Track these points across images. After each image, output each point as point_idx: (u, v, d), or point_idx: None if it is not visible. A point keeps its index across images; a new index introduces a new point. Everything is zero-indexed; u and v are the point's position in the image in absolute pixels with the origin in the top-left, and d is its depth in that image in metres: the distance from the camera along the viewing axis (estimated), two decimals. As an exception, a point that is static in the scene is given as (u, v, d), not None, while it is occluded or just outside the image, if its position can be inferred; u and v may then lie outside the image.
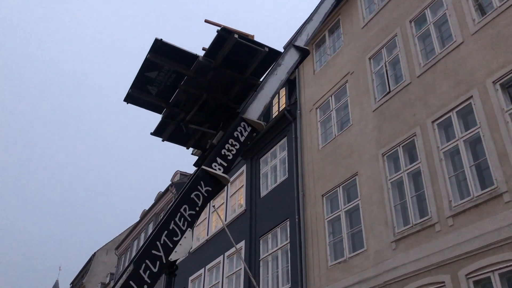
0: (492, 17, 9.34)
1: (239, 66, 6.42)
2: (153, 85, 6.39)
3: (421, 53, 11.06)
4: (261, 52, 6.34)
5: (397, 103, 11.20)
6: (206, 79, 6.31)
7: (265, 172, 16.71)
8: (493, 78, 8.84)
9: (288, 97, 16.85)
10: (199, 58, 6.10)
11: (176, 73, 6.23)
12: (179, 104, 6.54)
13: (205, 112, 6.61)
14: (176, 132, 6.96)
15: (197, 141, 7.01)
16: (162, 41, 5.90)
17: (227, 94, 6.60)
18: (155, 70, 6.19)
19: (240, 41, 6.12)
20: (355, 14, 14.09)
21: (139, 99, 6.60)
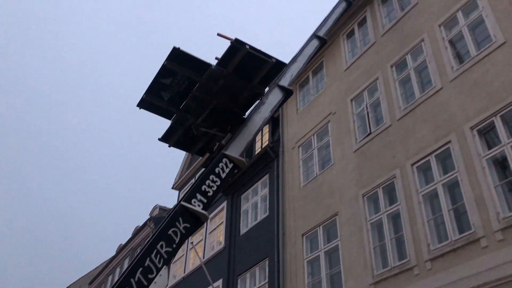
0: (469, 65, 9.67)
1: (248, 75, 6.85)
2: (166, 91, 6.77)
3: (402, 97, 11.33)
4: (268, 63, 6.82)
5: (378, 144, 11.36)
6: (217, 86, 6.71)
7: (245, 209, 16.57)
8: (470, 124, 9.06)
9: (271, 134, 16.96)
10: (212, 67, 6.53)
11: (189, 80, 6.63)
12: (189, 109, 6.90)
13: (214, 117, 6.96)
14: (183, 138, 7.34)
15: (204, 144, 7.38)
16: (180, 49, 6.30)
17: (235, 100, 6.97)
18: (169, 76, 6.62)
19: (251, 52, 6.62)
20: (338, 57, 14.45)
21: (152, 105, 6.98)
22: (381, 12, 13.35)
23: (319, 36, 9.54)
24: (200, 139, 7.35)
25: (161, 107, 7.02)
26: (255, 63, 6.77)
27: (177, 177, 23.90)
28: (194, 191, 5.93)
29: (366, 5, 13.92)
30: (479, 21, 9.98)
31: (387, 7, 13.32)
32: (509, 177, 8.15)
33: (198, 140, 7.38)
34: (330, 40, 14.18)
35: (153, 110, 7.12)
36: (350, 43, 14.41)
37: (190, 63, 6.47)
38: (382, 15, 13.27)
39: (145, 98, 6.86)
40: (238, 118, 7.06)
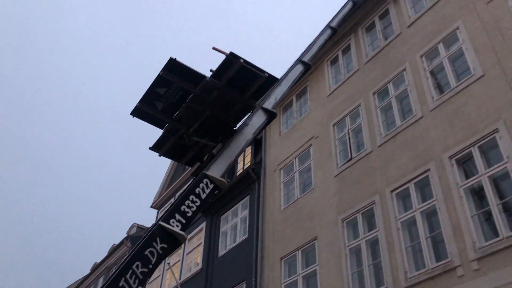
0: (449, 95, 9.90)
1: (241, 88, 7.04)
2: (160, 101, 6.88)
3: (383, 124, 11.50)
4: (261, 77, 7.01)
5: (358, 170, 11.45)
6: (210, 97, 6.87)
7: (225, 230, 16.42)
8: (449, 153, 9.22)
9: (253, 156, 16.98)
10: (206, 78, 6.70)
11: (183, 90, 6.77)
12: (181, 119, 7.02)
13: (206, 127, 7.11)
14: (174, 148, 7.43)
15: (194, 155, 7.43)
16: (176, 60, 6.48)
17: (227, 112, 7.13)
18: (164, 86, 6.75)
19: (245, 66, 6.83)
20: (322, 82, 14.66)
21: (145, 113, 7.04)
22: (365, 40, 13.65)
23: (304, 61, 9.68)
24: (190, 149, 7.45)
25: (154, 116, 7.13)
26: (248, 77, 6.96)
27: (157, 195, 23.64)
28: (173, 211, 5.86)
29: (351, 33, 14.22)
30: (459, 53, 10.27)
31: (371, 36, 13.63)
32: (485, 207, 8.27)
33: (188, 150, 7.47)
34: (314, 66, 14.40)
35: (146, 119, 7.22)
36: (334, 69, 14.65)
37: (185, 74, 6.65)
38: (366, 43, 13.57)
39: (139, 106, 6.95)
40: (229, 129, 7.23)
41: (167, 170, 23.73)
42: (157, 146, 7.46)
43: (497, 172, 8.30)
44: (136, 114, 7.10)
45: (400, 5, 12.70)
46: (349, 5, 12.95)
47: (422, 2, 12.12)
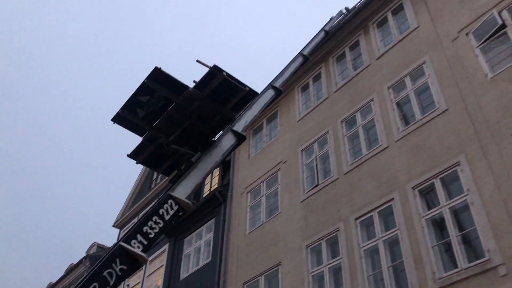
0: (414, 127, 10.18)
1: (221, 100, 7.21)
2: (142, 108, 6.96)
3: (349, 152, 11.69)
4: (242, 91, 7.22)
5: (324, 196, 11.54)
6: (191, 107, 7.00)
7: (188, 253, 16.13)
8: (412, 183, 9.43)
9: (221, 178, 16.87)
10: (189, 89, 6.84)
11: (166, 99, 6.86)
12: (161, 128, 7.06)
13: (185, 137, 7.21)
14: (151, 157, 7.50)
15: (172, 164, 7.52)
16: (161, 69, 6.64)
17: (207, 123, 7.27)
18: (147, 94, 6.83)
19: (227, 79, 7.04)
20: (292, 108, 14.84)
21: (126, 120, 7.10)
22: (335, 69, 13.97)
23: (275, 86, 9.78)
24: (168, 158, 7.50)
25: (135, 124, 7.18)
26: (229, 90, 7.18)
27: (119, 214, 23.07)
28: (135, 232, 5.70)
29: (322, 62, 14.53)
30: (425, 87, 10.63)
31: (341, 66, 13.97)
32: (445, 238, 8.44)
33: (166, 159, 7.53)
34: (285, 91, 14.58)
35: (126, 125, 7.26)
36: (304, 96, 14.87)
37: (169, 83, 6.78)
38: (336, 72, 13.88)
39: (120, 113, 6.99)
40: (208, 139, 7.37)
41: (132, 188, 23.27)
42: (135, 153, 7.49)
43: (458, 204, 8.52)
44: (117, 121, 7.12)
45: (370, 38, 13.10)
46: (321, 35, 13.26)
47: (391, 36, 12.55)
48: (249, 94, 7.37)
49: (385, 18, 13.10)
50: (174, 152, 7.38)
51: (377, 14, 13.31)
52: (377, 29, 13.20)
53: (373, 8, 13.38)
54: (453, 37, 10.41)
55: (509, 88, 8.65)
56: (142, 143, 7.37)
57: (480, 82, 9.26)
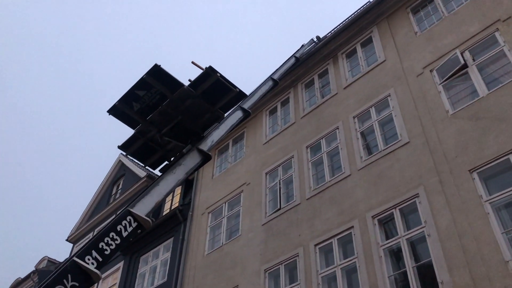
0: (376, 157, 10.40)
1: (212, 99, 7.72)
2: (138, 102, 7.39)
3: (313, 177, 11.79)
4: (232, 92, 7.75)
5: (286, 221, 11.54)
6: (184, 104, 7.46)
7: (143, 272, 15.68)
8: (372, 213, 9.57)
9: (182, 196, 16.63)
10: (183, 87, 7.32)
11: (161, 95, 7.32)
12: (154, 122, 7.50)
13: (175, 131, 7.67)
14: (141, 149, 7.92)
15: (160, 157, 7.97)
16: (160, 67, 7.12)
17: (197, 120, 7.74)
18: (144, 89, 7.29)
19: (220, 80, 7.59)
20: (259, 131, 14.91)
21: (121, 112, 7.51)
22: (303, 96, 14.19)
23: (244, 108, 9.83)
24: (156, 152, 7.93)
25: (129, 116, 7.57)
26: (221, 90, 7.70)
27: (74, 228, 22.28)
28: (90, 247, 5.50)
29: (291, 87, 14.75)
30: (389, 119, 10.92)
31: (309, 92, 14.21)
32: (402, 269, 8.56)
33: (154, 153, 7.95)
34: (253, 113, 14.66)
35: (121, 117, 7.65)
36: (271, 119, 14.99)
37: (166, 80, 7.25)
38: (304, 99, 14.10)
39: (117, 105, 7.40)
40: (197, 135, 7.84)
41: (89, 202, 22.58)
42: (126, 145, 7.89)
43: (415, 236, 8.68)
44: (113, 112, 7.52)
45: (339, 67, 13.43)
46: (292, 61, 13.49)
47: (359, 67, 12.91)
48: (239, 95, 7.93)
49: (354, 49, 13.48)
50: (163, 146, 7.82)
51: (346, 45, 13.69)
52: (346, 59, 13.56)
53: (343, 39, 13.76)
54: (418, 72, 10.81)
55: (468, 125, 9.00)
56: (133, 136, 7.80)
57: (441, 118, 9.60)
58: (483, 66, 9.67)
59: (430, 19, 11.79)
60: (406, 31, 12.04)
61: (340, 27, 14.14)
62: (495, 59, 9.54)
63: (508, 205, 7.74)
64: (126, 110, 7.49)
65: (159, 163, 8.12)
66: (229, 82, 7.76)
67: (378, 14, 13.10)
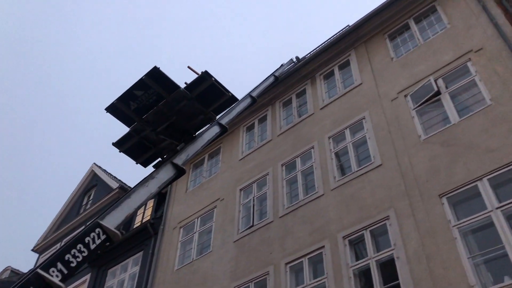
0: (349, 178, 10.52)
1: (206, 102, 8.14)
2: (135, 101, 7.78)
3: (287, 195, 11.83)
4: (225, 96, 8.20)
5: (258, 238, 11.50)
6: (179, 105, 7.87)
7: (110, 285, 15.32)
8: (343, 233, 9.64)
9: (154, 210, 16.42)
10: (179, 89, 7.72)
11: (158, 95, 7.72)
12: (149, 121, 7.87)
13: (169, 131, 8.09)
14: (134, 147, 8.26)
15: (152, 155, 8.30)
16: (159, 69, 7.53)
17: (191, 121, 8.17)
18: (142, 89, 7.66)
19: (215, 84, 8.06)
20: (236, 146, 14.92)
21: (119, 111, 7.87)
22: (281, 114, 14.31)
23: (221, 123, 9.85)
24: (148, 151, 8.27)
25: (126, 114, 7.93)
26: (214, 94, 8.15)
27: (41, 238, 21.67)
28: (56, 259, 5.36)
29: (269, 105, 14.86)
30: (363, 141, 11.10)
31: (287, 111, 14.35)
32: (370, 290, 8.62)
33: (146, 151, 8.28)
34: (231, 129, 14.69)
35: (118, 115, 8.00)
36: (248, 136, 15.04)
37: (164, 82, 7.64)
38: (281, 117, 14.22)
39: (115, 103, 7.76)
40: (189, 135, 8.31)
41: (58, 211, 22.04)
42: (120, 143, 8.20)
43: (384, 258, 8.77)
44: (110, 110, 7.86)
45: (316, 88, 13.63)
46: (271, 79, 13.60)
47: (336, 89, 13.13)
48: (231, 99, 8.39)
49: (332, 71, 13.73)
50: (156, 144, 8.19)
51: (325, 67, 13.93)
52: (323, 80, 13.78)
53: (322, 61, 14.01)
54: (393, 97, 11.06)
55: (439, 151, 9.22)
56: (128, 134, 8.13)
57: (414, 143, 9.81)
58: (455, 94, 9.97)
59: (406, 46, 12.13)
60: (383, 56, 12.34)
61: (319, 49, 14.40)
62: (467, 88, 9.85)
63: (475, 231, 7.92)
64: (123, 109, 7.86)
65: (150, 161, 8.45)
66: (223, 86, 8.26)
67: (356, 39, 13.41)
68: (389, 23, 12.89)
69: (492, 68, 9.52)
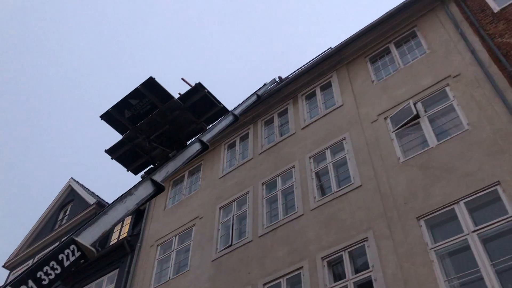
0: (329, 199, 10.54)
1: (198, 113, 8.54)
2: (130, 110, 8.06)
3: (267, 215, 11.78)
4: (217, 107, 8.62)
5: (236, 258, 11.38)
6: (172, 115, 8.23)
7: (83, 304, 14.91)
8: (322, 254, 9.61)
9: (132, 227, 16.14)
10: (173, 99, 8.08)
11: (152, 105, 8.03)
12: (142, 129, 8.19)
13: (161, 139, 8.42)
14: (125, 155, 8.56)
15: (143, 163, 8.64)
16: (154, 79, 7.86)
17: (183, 130, 8.55)
18: (137, 98, 7.97)
19: (207, 95, 8.44)
20: (217, 164, 14.86)
21: (113, 119, 8.15)
22: (263, 133, 14.35)
23: (202, 141, 9.81)
24: (139, 159, 8.59)
25: (120, 122, 8.17)
26: (206, 105, 8.52)
27: (12, 254, 21.04)
28: (27, 276, 5.21)
29: (251, 124, 14.90)
30: (343, 162, 11.18)
31: (268, 130, 14.39)
32: (348, 312, 8.57)
33: (137, 159, 8.60)
34: (212, 147, 14.63)
35: (112, 123, 8.25)
36: (230, 154, 15.01)
37: (158, 92, 7.95)
38: (263, 135, 14.25)
39: (110, 111, 8.05)
40: (180, 143, 8.61)
41: (33, 226, 21.48)
42: (112, 150, 8.49)
43: (362, 279, 8.75)
44: (105, 118, 8.13)
45: (298, 108, 13.74)
46: (253, 98, 13.68)
47: (318, 109, 13.25)
48: (222, 110, 8.82)
49: (314, 92, 13.88)
50: (148, 152, 8.50)
51: (307, 87, 14.08)
52: (305, 101, 13.91)
53: (304, 81, 14.16)
54: (373, 119, 11.21)
55: (417, 173, 9.33)
56: (120, 141, 8.41)
57: (393, 165, 9.92)
58: (433, 118, 10.15)
59: (386, 69, 12.37)
60: (364, 78, 12.54)
61: (302, 69, 14.57)
62: (445, 112, 10.05)
63: (451, 254, 7.98)
64: (117, 117, 8.10)
65: (141, 169, 8.76)
66: (215, 98, 8.61)
67: (338, 61, 13.63)
68: (370, 47, 13.15)
69: (470, 93, 9.75)
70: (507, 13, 10.54)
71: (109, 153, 8.59)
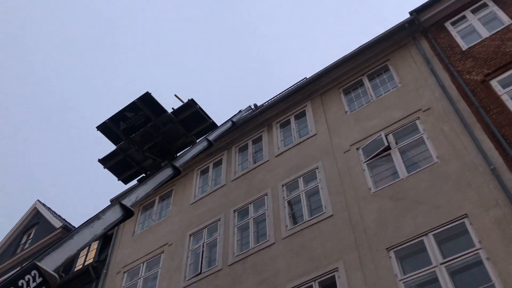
0: (301, 228, 10.51)
1: (188, 127, 9.15)
2: (125, 122, 8.56)
3: (237, 243, 11.63)
4: (206, 122, 9.31)
5: (205, 287, 11.13)
6: (165, 128, 8.82)
7: (42, 333, 14.22)
8: (292, 284, 9.49)
9: (98, 252, 15.66)
10: (166, 113, 8.69)
11: (146, 118, 8.59)
12: (136, 140, 8.71)
13: (153, 150, 8.99)
14: (118, 164, 9.04)
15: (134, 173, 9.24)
16: (150, 94, 8.45)
17: (174, 142, 9.11)
18: (133, 111, 8.51)
19: (199, 111, 9.14)
20: (188, 190, 14.68)
21: (109, 130, 8.63)
22: (236, 159, 14.32)
23: (175, 165, 9.70)
24: (131, 169, 9.08)
25: (115, 133, 8.63)
26: (197, 119, 9.14)
27: (-29, 278, 20.02)
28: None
29: (225, 149, 14.86)
30: (315, 191, 11.21)
31: (242, 157, 14.38)
32: None
33: (129, 169, 9.09)
34: (184, 172, 14.48)
35: (107, 134, 8.70)
36: (202, 180, 14.87)
37: (153, 106, 8.50)
38: (236, 162, 14.21)
39: (107, 123, 8.53)
40: (171, 155, 9.15)
41: (-6, 250, 20.59)
42: (105, 159, 8.95)
43: (332, 310, 8.67)
44: (101, 129, 8.59)
45: (273, 136, 13.81)
46: (228, 124, 13.67)
47: (291, 137, 13.35)
48: (211, 126, 9.51)
49: (288, 120, 14.01)
50: (140, 163, 9.04)
51: (281, 116, 14.21)
52: (279, 129, 14.01)
53: (279, 110, 14.30)
54: (345, 149, 11.35)
55: (387, 204, 9.43)
56: (114, 151, 8.88)
57: (364, 195, 10.00)
58: (404, 150, 10.35)
59: (359, 101, 12.63)
60: (337, 109, 12.76)
61: (277, 98, 14.74)
62: (415, 145, 10.27)
63: (420, 286, 8.02)
64: (113, 128, 8.60)
65: (132, 178, 9.28)
66: (206, 114, 9.27)
67: (312, 91, 13.85)
68: (344, 78, 13.44)
69: (439, 127, 10.02)
70: (474, 52, 10.99)
71: (102, 162, 9.04)
